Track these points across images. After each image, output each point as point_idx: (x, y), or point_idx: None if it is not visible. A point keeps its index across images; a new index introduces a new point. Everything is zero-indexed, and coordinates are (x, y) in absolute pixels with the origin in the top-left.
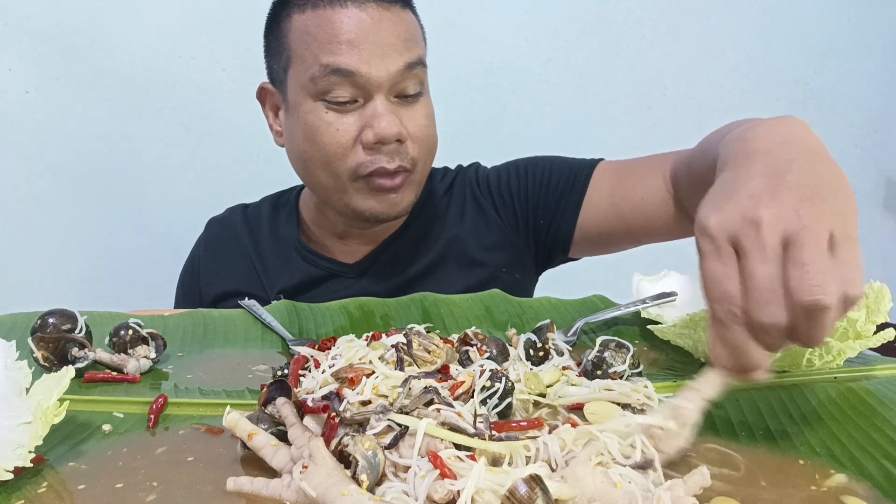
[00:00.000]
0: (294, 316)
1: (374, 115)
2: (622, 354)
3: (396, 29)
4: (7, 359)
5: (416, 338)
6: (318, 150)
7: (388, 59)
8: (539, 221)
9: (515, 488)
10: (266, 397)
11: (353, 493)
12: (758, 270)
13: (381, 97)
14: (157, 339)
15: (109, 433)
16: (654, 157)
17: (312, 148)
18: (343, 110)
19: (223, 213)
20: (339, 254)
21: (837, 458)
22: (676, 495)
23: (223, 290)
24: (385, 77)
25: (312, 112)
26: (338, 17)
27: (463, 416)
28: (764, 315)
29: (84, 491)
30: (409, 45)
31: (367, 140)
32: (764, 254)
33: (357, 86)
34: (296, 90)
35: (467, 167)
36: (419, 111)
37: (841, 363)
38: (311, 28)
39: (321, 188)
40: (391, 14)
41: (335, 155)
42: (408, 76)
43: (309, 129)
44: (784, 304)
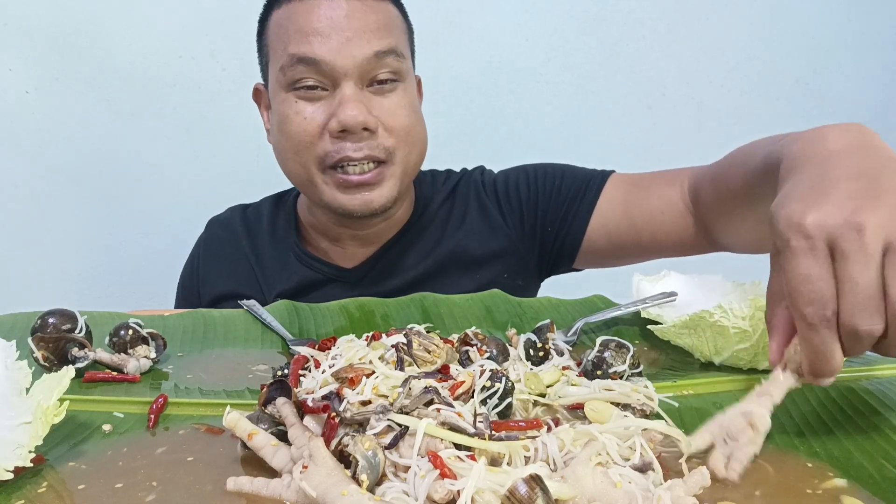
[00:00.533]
0: (294, 316)
1: (340, 102)
2: (622, 354)
3: (367, 17)
4: (7, 359)
5: (416, 338)
6: (287, 139)
7: (355, 47)
8: (546, 229)
9: (515, 488)
10: (266, 397)
11: (353, 493)
12: (860, 275)
13: (350, 84)
14: (157, 339)
15: (109, 433)
16: (669, 171)
17: (283, 138)
18: (311, 98)
19: (224, 213)
20: (337, 258)
21: (837, 459)
22: (676, 495)
23: (221, 291)
24: (351, 65)
25: (284, 102)
26: (306, 7)
27: (463, 416)
28: (862, 322)
29: (84, 491)
30: (381, 34)
31: (332, 128)
32: (867, 259)
33: (324, 74)
34: (273, 84)
35: (472, 170)
36: (394, 100)
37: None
38: (283, 20)
39: (295, 180)
40: (363, 4)
41: (303, 144)
42: (378, 65)
43: (281, 120)
44: (882, 312)
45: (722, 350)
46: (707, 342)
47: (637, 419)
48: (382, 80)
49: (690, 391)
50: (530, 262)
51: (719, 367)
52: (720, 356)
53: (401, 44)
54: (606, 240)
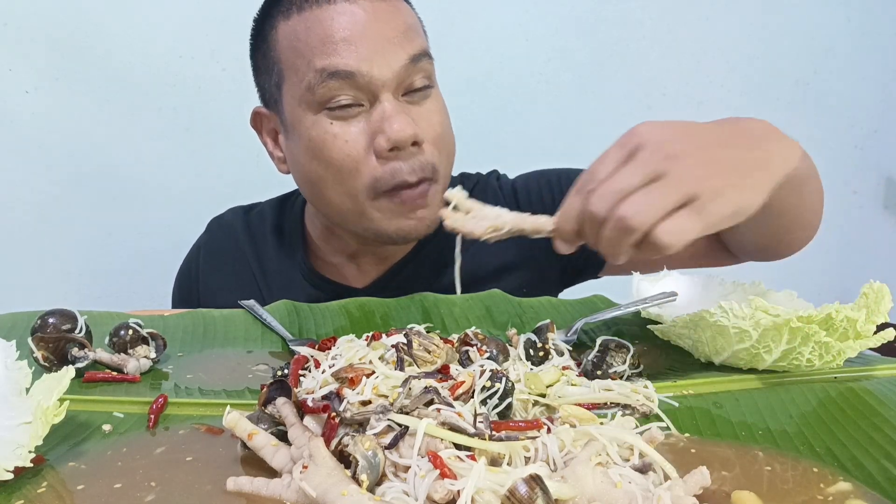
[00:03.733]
0: (294, 316)
1: (384, 117)
2: (622, 354)
3: (394, 20)
4: (7, 359)
5: (416, 338)
6: (327, 167)
7: (390, 54)
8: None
9: (515, 488)
10: (266, 397)
11: (353, 493)
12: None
13: (389, 96)
14: (157, 339)
15: (109, 433)
16: None
17: (320, 166)
18: (348, 116)
19: (225, 214)
20: (349, 275)
21: (837, 459)
22: (676, 495)
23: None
24: (389, 74)
25: (315, 126)
26: (327, 15)
27: (463, 416)
28: (594, 203)
29: (84, 491)
30: (410, 35)
31: (381, 147)
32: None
33: (359, 88)
34: (293, 106)
35: (487, 175)
36: (431, 107)
37: (841, 363)
38: (299, 33)
39: (336, 212)
40: (386, 4)
41: (348, 170)
42: (413, 70)
43: (314, 146)
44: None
45: (722, 350)
46: (707, 342)
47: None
48: (418, 88)
49: (690, 391)
50: (550, 275)
51: (719, 367)
52: (720, 356)
53: (427, 44)
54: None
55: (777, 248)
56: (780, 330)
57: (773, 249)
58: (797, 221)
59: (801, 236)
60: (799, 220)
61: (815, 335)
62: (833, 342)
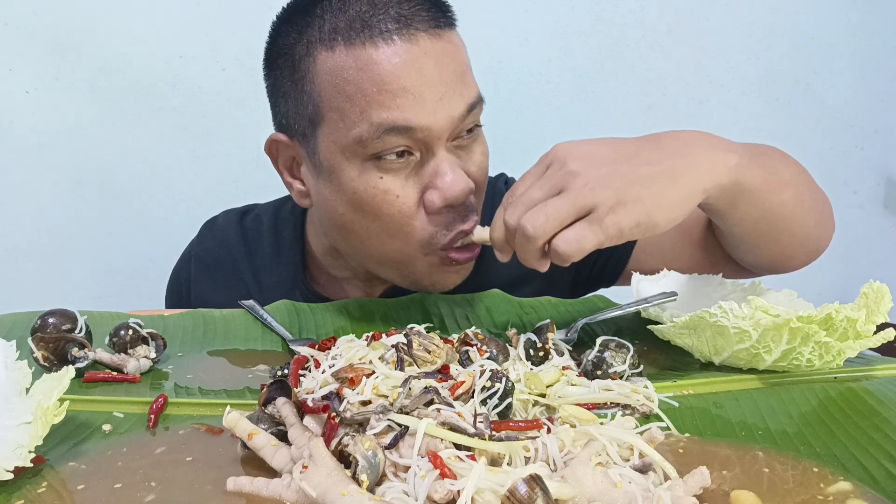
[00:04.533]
0: (294, 316)
1: (438, 173)
2: (622, 354)
3: (452, 62)
4: (7, 359)
5: (416, 338)
6: (374, 221)
7: (450, 104)
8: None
9: (515, 488)
10: (266, 397)
11: (353, 493)
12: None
13: (442, 150)
14: (157, 339)
15: (109, 433)
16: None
17: (366, 219)
18: (398, 170)
19: (218, 217)
20: (352, 294)
21: (837, 459)
22: (676, 495)
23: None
24: (447, 126)
25: (360, 178)
26: (383, 56)
27: (463, 416)
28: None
29: (84, 491)
30: (467, 79)
31: (433, 204)
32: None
33: (414, 140)
34: (332, 151)
35: (495, 179)
36: (477, 150)
37: (841, 363)
38: (348, 73)
39: (376, 260)
40: (444, 43)
41: (398, 226)
42: (468, 119)
43: (359, 199)
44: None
45: (722, 350)
46: (707, 342)
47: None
48: (468, 134)
49: (690, 391)
50: (563, 285)
51: (719, 367)
52: (720, 356)
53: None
54: (659, 258)
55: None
56: (780, 330)
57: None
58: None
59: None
60: (783, 230)
61: (815, 335)
62: (833, 342)
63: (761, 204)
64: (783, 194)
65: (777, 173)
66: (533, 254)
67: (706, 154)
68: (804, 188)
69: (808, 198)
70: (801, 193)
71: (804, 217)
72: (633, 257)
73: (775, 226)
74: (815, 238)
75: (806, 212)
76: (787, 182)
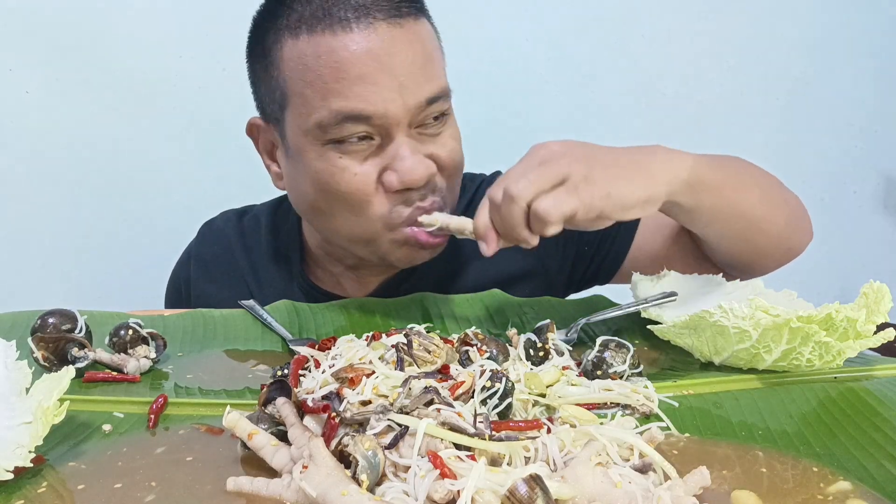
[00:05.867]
0: (294, 316)
1: (397, 156)
2: (622, 354)
3: (412, 52)
4: (7, 359)
5: (416, 338)
6: (335, 200)
7: (408, 93)
8: (583, 248)
9: (515, 488)
10: (266, 397)
11: (353, 493)
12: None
13: (402, 135)
14: (157, 339)
15: (109, 433)
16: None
17: (328, 198)
18: (358, 152)
19: (216, 219)
20: (347, 286)
21: (837, 459)
22: (676, 495)
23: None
24: (404, 114)
25: (321, 158)
26: (341, 44)
27: (463, 416)
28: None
29: (84, 491)
30: (428, 71)
31: (391, 184)
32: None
33: (373, 126)
34: (297, 134)
35: (491, 177)
36: (445, 137)
37: (841, 363)
38: (309, 61)
39: (345, 238)
40: (404, 31)
41: (358, 203)
42: (429, 110)
43: (320, 178)
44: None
45: (722, 350)
46: (707, 342)
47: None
48: (433, 122)
49: (690, 391)
50: (559, 282)
51: (719, 367)
52: (720, 356)
53: (444, 74)
54: (651, 259)
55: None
56: (780, 330)
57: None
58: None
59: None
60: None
61: (815, 335)
62: (833, 342)
63: (727, 201)
64: (749, 194)
65: (737, 175)
66: (517, 217)
67: (666, 155)
68: (771, 189)
69: (776, 198)
70: (768, 194)
71: (773, 216)
72: (629, 258)
73: (747, 225)
74: (787, 237)
75: (775, 211)
76: (751, 183)
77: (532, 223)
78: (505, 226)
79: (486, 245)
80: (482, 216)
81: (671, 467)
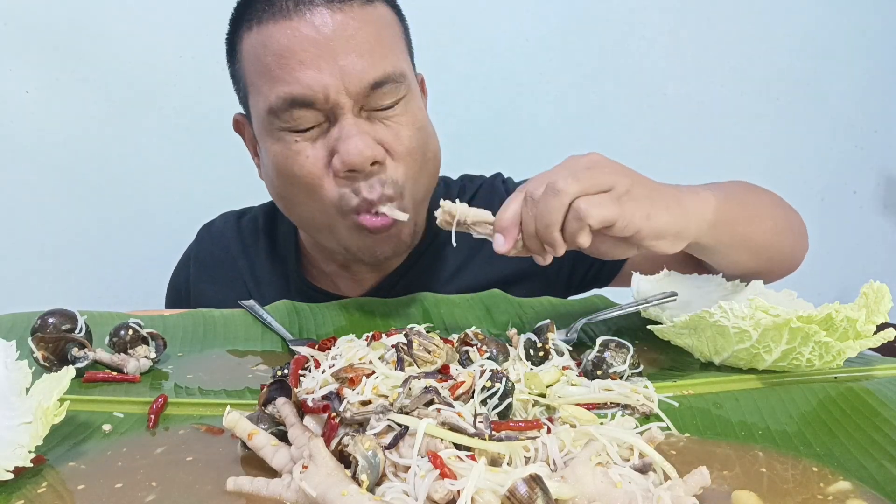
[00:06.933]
0: (294, 316)
1: (340, 137)
2: (622, 354)
3: (355, 36)
4: (7, 359)
5: (416, 338)
6: (292, 184)
7: (348, 77)
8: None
9: (515, 488)
10: (266, 397)
11: (353, 493)
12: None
13: (348, 116)
14: (157, 339)
15: (109, 433)
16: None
17: (287, 182)
18: (311, 137)
19: (215, 221)
20: (343, 285)
21: (837, 459)
22: (676, 495)
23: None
24: (346, 99)
25: (278, 142)
26: (282, 32)
27: (463, 416)
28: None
29: (84, 491)
30: (376, 55)
31: (336, 168)
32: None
33: (320, 110)
34: (258, 121)
35: (491, 179)
36: (399, 121)
37: (841, 363)
38: (258, 51)
39: (309, 225)
40: (345, 16)
41: (311, 187)
42: (376, 95)
43: (278, 162)
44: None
45: (722, 350)
46: (707, 342)
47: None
48: (383, 105)
49: (690, 391)
50: (557, 284)
51: (719, 367)
52: (720, 356)
53: (398, 59)
54: (651, 262)
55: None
56: (780, 330)
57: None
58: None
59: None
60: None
61: (815, 335)
62: (833, 342)
63: (741, 236)
64: (761, 225)
65: (751, 208)
66: (556, 212)
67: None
68: (778, 216)
69: (783, 224)
70: (776, 222)
71: (781, 243)
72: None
73: (756, 253)
74: (790, 258)
75: (782, 237)
76: (763, 214)
77: (568, 222)
78: (540, 221)
79: (504, 239)
80: (511, 209)
81: (671, 467)
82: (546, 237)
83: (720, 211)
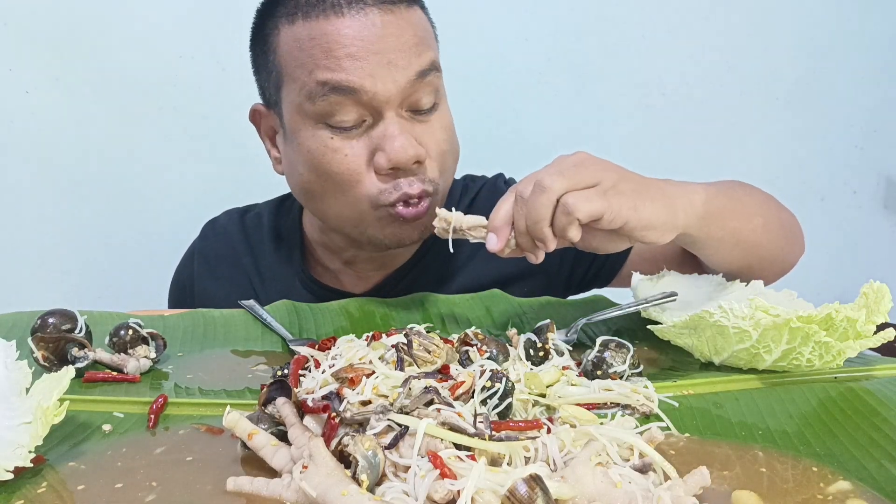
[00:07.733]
0: (294, 316)
1: (386, 136)
2: (622, 354)
3: (403, 34)
4: (7, 359)
5: (416, 338)
6: (327, 180)
7: (396, 70)
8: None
9: (515, 488)
10: (266, 397)
11: (353, 493)
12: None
13: (392, 115)
14: (157, 339)
15: (109, 433)
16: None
17: (320, 178)
18: (349, 132)
19: (220, 217)
20: (347, 282)
21: (837, 459)
22: (676, 495)
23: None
24: (394, 91)
25: (313, 138)
26: (333, 27)
27: (463, 416)
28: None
29: (84, 491)
30: (419, 49)
31: (381, 166)
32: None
33: (362, 104)
34: (291, 112)
35: (493, 179)
36: (436, 124)
37: (841, 363)
38: (303, 42)
39: (333, 217)
40: (395, 17)
41: (348, 183)
42: (420, 86)
43: (312, 158)
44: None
45: (722, 350)
46: (707, 342)
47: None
48: (424, 108)
49: (690, 391)
50: (558, 283)
51: (719, 367)
52: (720, 356)
53: (436, 55)
54: (651, 263)
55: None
56: (780, 330)
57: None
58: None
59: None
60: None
61: (815, 335)
62: (833, 342)
63: (732, 231)
64: (752, 222)
65: (742, 204)
66: (545, 209)
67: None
68: (770, 214)
69: (775, 222)
70: (768, 220)
71: (773, 241)
72: (628, 262)
73: (748, 250)
74: (782, 259)
75: (774, 236)
76: (753, 211)
77: (557, 217)
78: (530, 218)
79: (497, 238)
80: (502, 210)
81: (671, 467)
82: (536, 233)
83: (710, 204)
